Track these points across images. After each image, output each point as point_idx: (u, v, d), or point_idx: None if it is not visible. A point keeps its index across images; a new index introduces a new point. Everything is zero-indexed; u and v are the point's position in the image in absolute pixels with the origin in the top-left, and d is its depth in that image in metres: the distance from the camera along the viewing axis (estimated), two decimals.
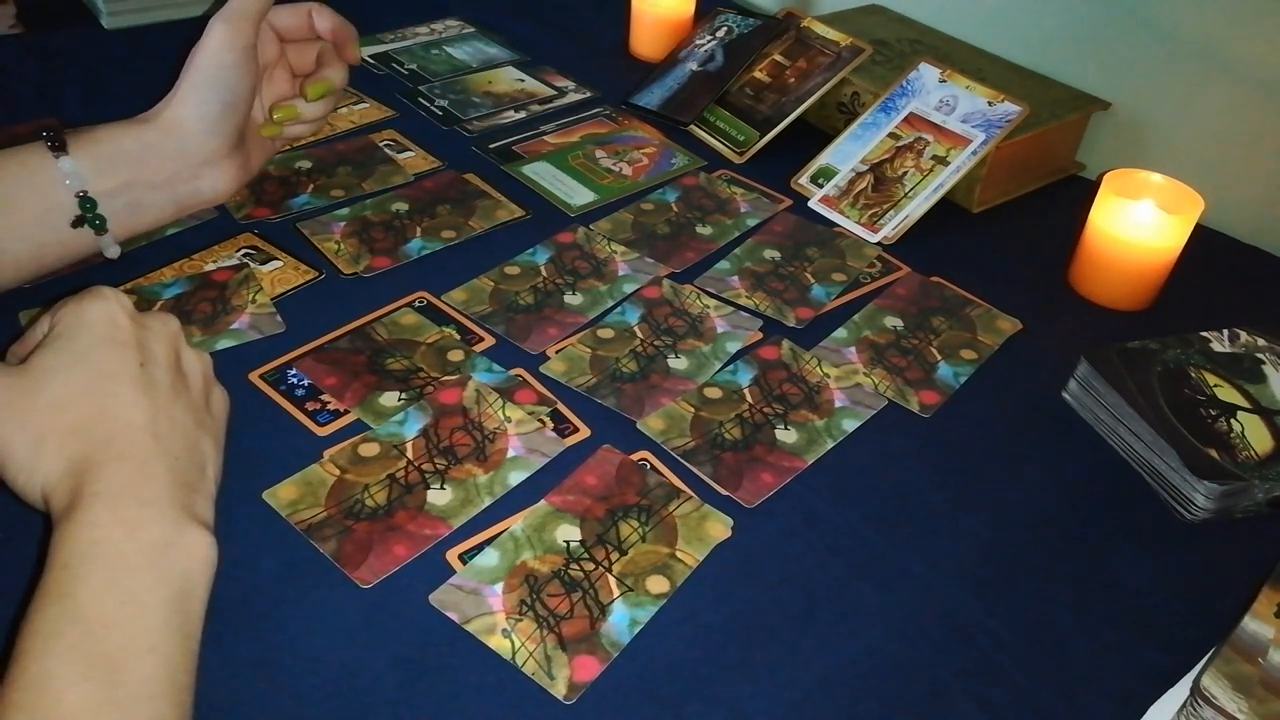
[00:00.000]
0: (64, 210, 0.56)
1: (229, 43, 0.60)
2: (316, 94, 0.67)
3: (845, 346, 0.64)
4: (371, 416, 0.55)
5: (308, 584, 0.46)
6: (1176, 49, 0.81)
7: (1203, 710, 0.42)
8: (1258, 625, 0.46)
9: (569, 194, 0.77)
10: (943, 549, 0.51)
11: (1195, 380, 0.59)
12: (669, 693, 0.43)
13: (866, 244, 0.74)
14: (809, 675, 0.45)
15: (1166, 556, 0.52)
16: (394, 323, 0.62)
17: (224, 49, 0.60)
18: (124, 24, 0.95)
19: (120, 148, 0.58)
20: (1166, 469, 0.55)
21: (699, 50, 0.92)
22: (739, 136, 0.85)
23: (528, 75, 0.94)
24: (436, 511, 0.50)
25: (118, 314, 0.44)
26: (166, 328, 0.46)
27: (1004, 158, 0.78)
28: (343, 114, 0.84)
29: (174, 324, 0.47)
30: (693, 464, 0.54)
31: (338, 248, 0.68)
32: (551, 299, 0.66)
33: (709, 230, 0.74)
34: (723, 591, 0.48)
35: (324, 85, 0.67)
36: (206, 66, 0.60)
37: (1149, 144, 0.84)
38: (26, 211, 0.55)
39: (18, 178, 0.55)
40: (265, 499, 0.50)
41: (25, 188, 0.55)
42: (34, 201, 0.55)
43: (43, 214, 0.55)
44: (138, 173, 0.59)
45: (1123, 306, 0.70)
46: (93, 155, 0.57)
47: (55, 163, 0.55)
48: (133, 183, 0.58)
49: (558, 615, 0.46)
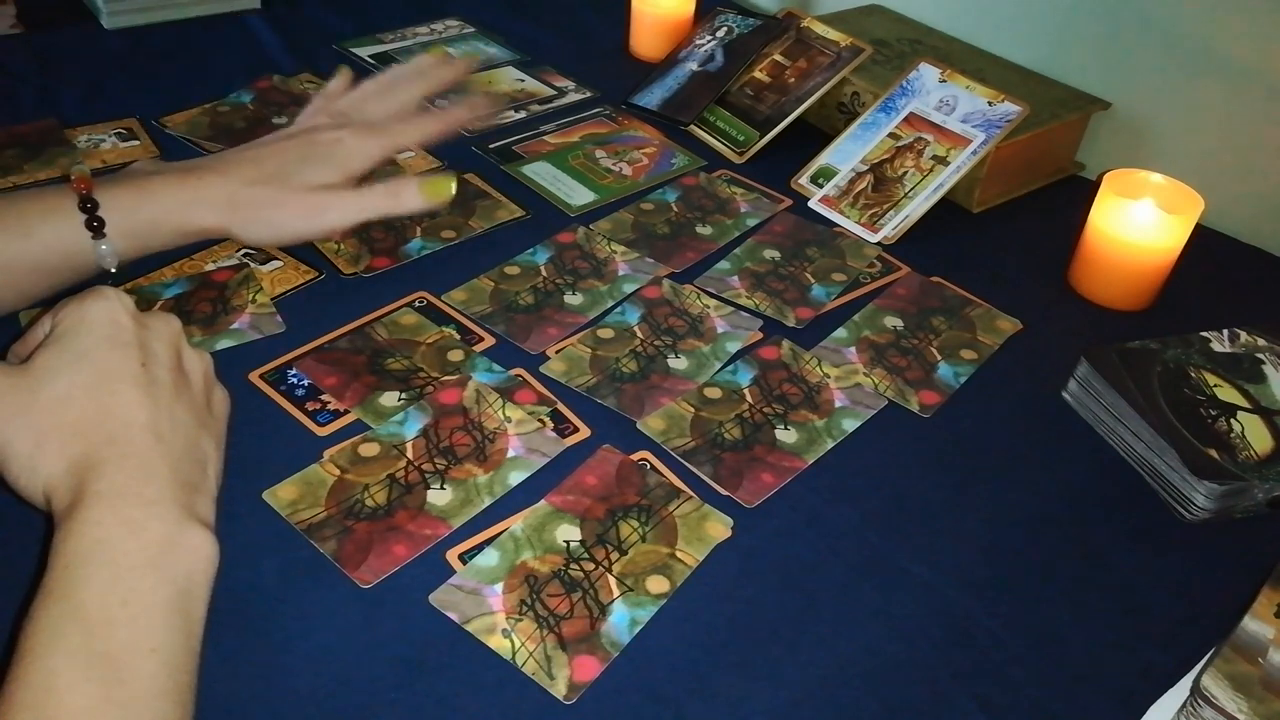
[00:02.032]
0: (85, 256, 0.55)
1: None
2: (432, 194, 0.62)
3: (845, 346, 0.64)
4: (371, 416, 0.55)
5: (308, 584, 0.46)
6: (1176, 49, 0.81)
7: (1203, 710, 0.42)
8: (1258, 625, 0.46)
9: (569, 194, 0.77)
10: (943, 549, 0.51)
11: (1195, 380, 0.59)
12: (669, 693, 0.43)
13: (866, 244, 0.74)
14: (809, 675, 0.45)
15: (1166, 556, 0.52)
16: (394, 323, 0.62)
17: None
18: (124, 24, 0.95)
19: (157, 212, 0.56)
20: (1166, 469, 0.55)
21: (699, 50, 0.92)
22: (739, 136, 0.85)
23: (528, 75, 0.94)
24: (436, 511, 0.50)
25: (119, 313, 0.43)
26: (168, 327, 0.46)
27: (1004, 158, 0.78)
28: None
29: (175, 323, 0.46)
30: (693, 464, 0.54)
31: (338, 248, 0.68)
32: (551, 299, 0.66)
33: (709, 230, 0.74)
34: (723, 591, 0.48)
35: (438, 186, 0.62)
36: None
37: (1149, 144, 0.84)
38: (50, 268, 0.54)
39: (47, 246, 0.53)
40: (265, 499, 0.50)
41: (55, 257, 0.54)
42: (61, 262, 0.54)
43: (65, 264, 0.55)
44: (164, 224, 0.57)
45: (1123, 306, 0.70)
46: (129, 228, 0.55)
47: (92, 243, 0.54)
48: (155, 229, 0.57)
49: (558, 615, 0.46)
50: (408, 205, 0.61)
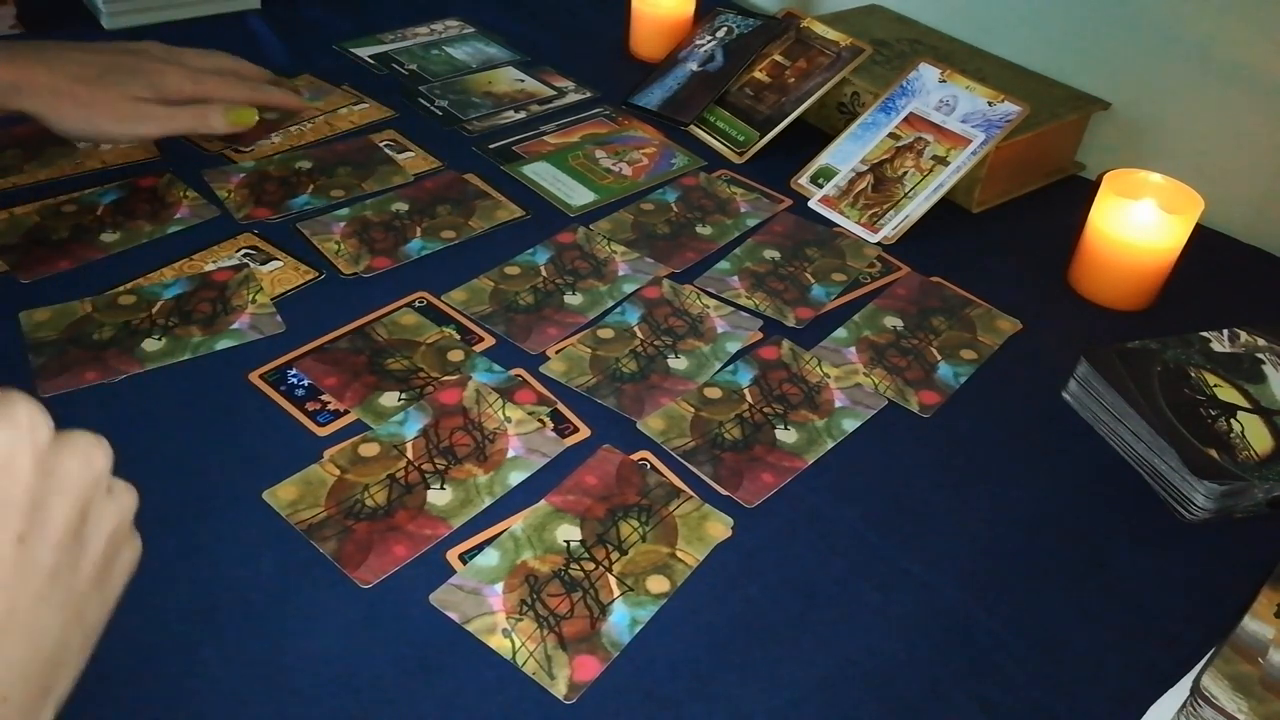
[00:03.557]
0: None
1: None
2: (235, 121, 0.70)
3: (845, 346, 0.64)
4: (371, 416, 0.55)
5: (308, 584, 0.46)
6: (1176, 49, 0.81)
7: (1203, 710, 0.42)
8: (1258, 625, 0.46)
9: (569, 194, 0.77)
10: (943, 549, 0.51)
11: (1195, 380, 0.59)
12: (669, 693, 0.43)
13: (866, 244, 0.74)
14: (809, 675, 0.45)
15: (1166, 556, 0.52)
16: (394, 323, 0.62)
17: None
18: (124, 24, 0.95)
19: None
20: (1166, 469, 0.55)
21: (699, 50, 0.92)
22: (739, 136, 0.85)
23: (528, 75, 0.94)
24: (436, 511, 0.50)
25: (20, 453, 0.31)
26: (86, 470, 0.33)
27: (1004, 158, 0.78)
28: (343, 114, 0.84)
29: (98, 464, 0.34)
30: (693, 464, 0.54)
31: (338, 248, 0.68)
32: (551, 299, 0.66)
33: (709, 230, 0.74)
34: (723, 591, 0.48)
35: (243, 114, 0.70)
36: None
37: (1149, 144, 0.84)
38: None
39: None
40: (265, 499, 0.50)
41: None
42: None
43: None
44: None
45: (1123, 306, 0.70)
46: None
47: None
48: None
49: (558, 615, 0.46)
50: (213, 126, 0.69)
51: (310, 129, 0.82)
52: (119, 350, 0.58)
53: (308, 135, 0.81)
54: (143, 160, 0.75)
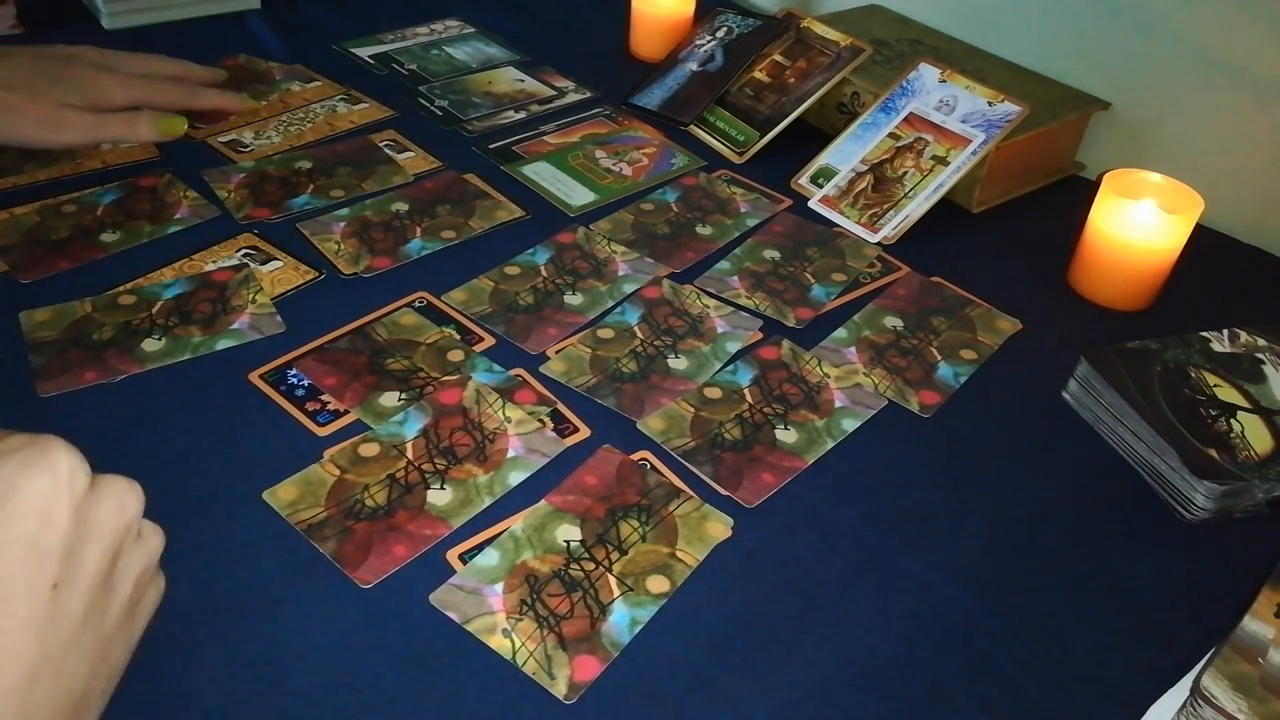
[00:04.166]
0: None
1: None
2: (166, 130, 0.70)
3: (845, 346, 0.64)
4: (371, 416, 0.55)
5: (308, 584, 0.46)
6: (1176, 49, 0.81)
7: (1203, 710, 0.42)
8: (1258, 625, 0.46)
9: (569, 194, 0.77)
10: (943, 548, 0.51)
11: (1195, 380, 0.59)
12: (669, 693, 0.43)
13: (866, 244, 0.74)
14: (809, 675, 0.45)
15: (1166, 556, 0.52)
16: (394, 323, 0.62)
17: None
18: (124, 24, 0.94)
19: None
20: (1166, 469, 0.55)
21: (699, 50, 0.92)
22: (739, 136, 0.85)
23: (528, 75, 0.94)
24: (436, 511, 0.50)
25: (58, 504, 0.31)
26: (119, 519, 0.34)
27: (1004, 158, 0.78)
28: (342, 114, 0.84)
29: (130, 510, 0.34)
30: (693, 464, 0.54)
31: (338, 248, 0.68)
32: (551, 299, 0.66)
33: (709, 230, 0.74)
34: (723, 591, 0.48)
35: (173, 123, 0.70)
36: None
37: (1149, 144, 0.84)
38: None
39: None
40: (265, 499, 0.50)
41: None
42: None
43: None
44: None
45: (1123, 306, 0.70)
46: None
47: None
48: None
49: (558, 615, 0.46)
50: (140, 135, 0.69)
51: (310, 129, 0.82)
52: (119, 350, 0.58)
53: (308, 135, 0.81)
54: (143, 160, 0.75)
